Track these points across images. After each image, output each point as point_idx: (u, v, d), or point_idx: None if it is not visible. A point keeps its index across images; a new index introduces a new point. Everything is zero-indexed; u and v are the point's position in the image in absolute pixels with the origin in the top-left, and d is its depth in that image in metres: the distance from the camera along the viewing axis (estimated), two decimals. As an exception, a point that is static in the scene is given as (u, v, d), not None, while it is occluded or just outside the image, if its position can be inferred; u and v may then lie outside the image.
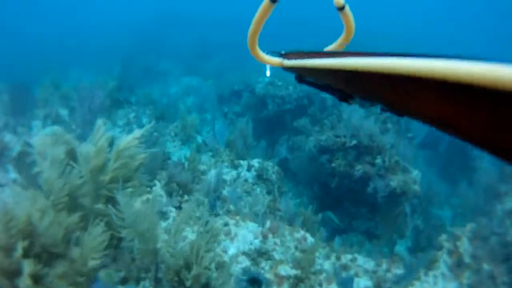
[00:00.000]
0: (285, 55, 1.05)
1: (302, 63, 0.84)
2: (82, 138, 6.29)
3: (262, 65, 1.14)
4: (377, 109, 0.72)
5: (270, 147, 7.51)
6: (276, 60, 1.10)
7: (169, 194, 3.73)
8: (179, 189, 3.75)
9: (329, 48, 1.19)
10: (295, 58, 0.93)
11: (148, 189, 3.63)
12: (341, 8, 1.02)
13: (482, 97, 0.32)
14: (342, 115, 5.28)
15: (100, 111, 6.76)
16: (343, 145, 4.87)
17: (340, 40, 1.16)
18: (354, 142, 4.82)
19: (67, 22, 18.15)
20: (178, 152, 5.93)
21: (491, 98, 0.31)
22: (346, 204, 6.04)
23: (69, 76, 10.06)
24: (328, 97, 7.74)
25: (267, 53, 1.14)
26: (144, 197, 3.55)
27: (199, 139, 6.52)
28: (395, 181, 4.67)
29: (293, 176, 6.63)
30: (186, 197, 3.54)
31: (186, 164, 4.33)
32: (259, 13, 0.96)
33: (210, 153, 5.06)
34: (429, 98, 0.40)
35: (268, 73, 1.19)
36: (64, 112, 6.81)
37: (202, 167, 4.50)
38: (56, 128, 6.06)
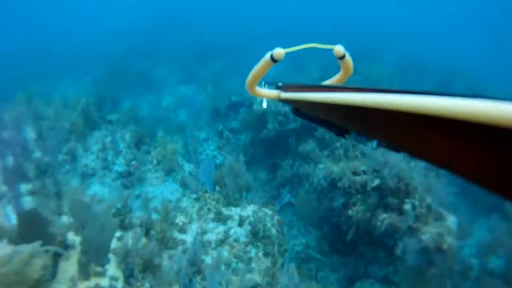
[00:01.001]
0: (282, 87, 1.02)
1: (300, 96, 0.83)
2: (47, 169, 5.36)
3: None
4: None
5: (271, 172, 6.48)
6: (273, 93, 1.07)
7: (130, 272, 2.73)
8: (142, 264, 2.75)
9: (324, 83, 1.12)
10: (293, 91, 0.91)
11: (99, 268, 2.63)
12: (342, 57, 1.00)
13: (493, 136, 0.30)
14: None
15: (71, 133, 5.81)
16: (363, 186, 3.83)
17: (336, 79, 1.13)
18: (377, 182, 3.78)
19: (55, 30, 17.15)
20: (158, 188, 4.92)
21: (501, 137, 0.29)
22: (361, 248, 5.01)
23: (51, 89, 9.10)
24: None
25: (263, 84, 1.14)
26: (91, 283, 2.55)
27: (187, 167, 5.52)
28: (427, 234, 3.61)
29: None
30: (147, 284, 2.53)
31: (157, 218, 3.33)
32: (259, 67, 0.96)
33: (194, 195, 4.05)
34: (435, 137, 0.37)
35: (264, 104, 1.19)
36: (31, 136, 5.84)
37: (181, 219, 3.50)
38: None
